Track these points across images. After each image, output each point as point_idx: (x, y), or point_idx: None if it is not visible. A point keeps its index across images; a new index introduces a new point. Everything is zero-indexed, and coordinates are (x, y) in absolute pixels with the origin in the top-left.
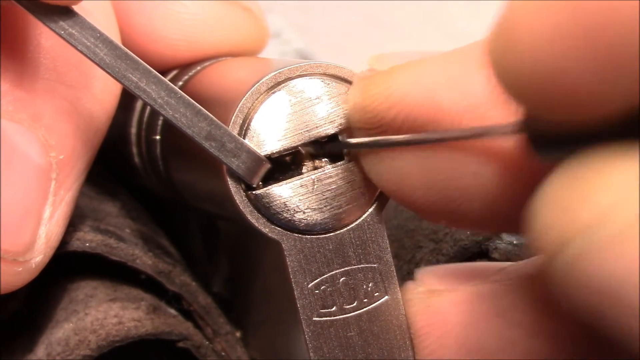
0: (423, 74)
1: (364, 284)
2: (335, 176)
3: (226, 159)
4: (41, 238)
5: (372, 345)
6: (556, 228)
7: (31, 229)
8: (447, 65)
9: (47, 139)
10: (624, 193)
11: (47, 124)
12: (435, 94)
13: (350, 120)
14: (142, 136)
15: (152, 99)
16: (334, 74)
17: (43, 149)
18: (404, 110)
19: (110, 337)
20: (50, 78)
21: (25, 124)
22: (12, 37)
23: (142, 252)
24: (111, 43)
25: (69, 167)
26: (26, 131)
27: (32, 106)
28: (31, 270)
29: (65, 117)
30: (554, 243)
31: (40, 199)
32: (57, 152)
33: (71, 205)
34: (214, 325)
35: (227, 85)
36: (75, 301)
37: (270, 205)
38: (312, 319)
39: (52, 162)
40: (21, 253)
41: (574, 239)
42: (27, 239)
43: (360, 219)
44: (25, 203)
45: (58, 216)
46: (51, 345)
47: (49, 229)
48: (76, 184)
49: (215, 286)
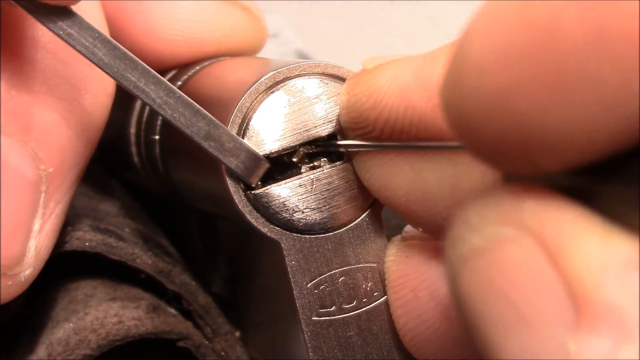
0: (397, 74)
1: (363, 284)
2: (334, 176)
3: (225, 158)
4: (31, 251)
5: (372, 344)
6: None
7: (21, 242)
8: (419, 65)
9: (36, 151)
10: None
11: (37, 137)
12: (407, 93)
13: (340, 120)
14: (141, 136)
15: (151, 98)
16: (333, 73)
17: (32, 162)
18: (385, 110)
19: (111, 336)
20: (41, 90)
21: (14, 137)
22: (2, 50)
23: (141, 251)
24: (110, 43)
25: (59, 179)
26: (15, 144)
27: (22, 119)
28: (20, 284)
29: (56, 129)
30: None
31: (30, 212)
32: (46, 165)
33: (61, 218)
34: (214, 325)
35: (226, 85)
36: (75, 301)
37: (269, 205)
38: (311, 319)
39: (42, 175)
40: (11, 266)
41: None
42: (16, 252)
43: (359, 219)
44: (15, 216)
45: (48, 229)
46: (52, 345)
47: (39, 241)
48: (66, 196)
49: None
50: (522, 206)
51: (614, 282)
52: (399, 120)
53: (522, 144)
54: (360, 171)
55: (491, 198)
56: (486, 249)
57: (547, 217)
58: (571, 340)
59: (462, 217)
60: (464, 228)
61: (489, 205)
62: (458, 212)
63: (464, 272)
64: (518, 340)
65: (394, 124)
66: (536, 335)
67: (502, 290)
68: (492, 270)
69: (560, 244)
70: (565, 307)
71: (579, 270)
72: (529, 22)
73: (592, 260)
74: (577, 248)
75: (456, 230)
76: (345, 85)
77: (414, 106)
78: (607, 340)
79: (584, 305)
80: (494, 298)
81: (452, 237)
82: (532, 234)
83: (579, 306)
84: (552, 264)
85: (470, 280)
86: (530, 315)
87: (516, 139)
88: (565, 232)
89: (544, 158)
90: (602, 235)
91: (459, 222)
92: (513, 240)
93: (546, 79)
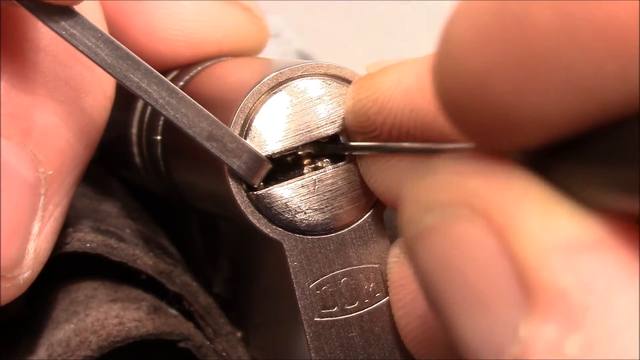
0: (401, 77)
1: (365, 285)
2: (336, 176)
3: (227, 159)
4: (29, 253)
5: (374, 345)
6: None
7: (19, 244)
8: (421, 67)
9: (36, 154)
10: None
11: (36, 140)
12: (411, 95)
13: (346, 123)
14: (143, 137)
15: (153, 99)
16: (335, 74)
17: (32, 165)
18: (390, 113)
19: (111, 337)
20: (40, 93)
21: (14, 139)
22: (3, 52)
23: (142, 252)
24: (112, 43)
25: (58, 182)
26: (15, 146)
27: (22, 121)
28: (19, 286)
29: (55, 132)
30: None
31: (29, 214)
32: (46, 168)
33: (60, 220)
34: (215, 326)
35: (228, 86)
36: (76, 302)
37: (271, 206)
38: (313, 320)
39: (41, 177)
40: (9, 269)
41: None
42: (15, 255)
43: (362, 219)
44: (14, 219)
45: (47, 231)
46: (52, 347)
47: (38, 244)
48: (65, 199)
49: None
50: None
51: (558, 265)
52: (404, 123)
53: (501, 123)
54: (365, 174)
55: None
56: (440, 227)
57: (494, 194)
58: (522, 324)
59: (413, 196)
60: (416, 207)
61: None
62: (409, 190)
63: (419, 251)
64: (477, 320)
65: (400, 127)
66: (491, 317)
67: (458, 269)
68: (446, 248)
69: (506, 222)
70: (515, 289)
71: (525, 251)
72: (501, 9)
73: (536, 240)
74: (523, 227)
75: (408, 209)
76: (350, 89)
77: (417, 109)
78: (555, 327)
79: (534, 288)
80: (452, 276)
81: (405, 216)
82: (480, 211)
83: (529, 289)
84: (500, 243)
85: (427, 258)
86: (485, 295)
87: (495, 119)
88: (510, 208)
89: (520, 137)
90: (550, 215)
91: (410, 201)
92: (467, 219)
93: (519, 64)
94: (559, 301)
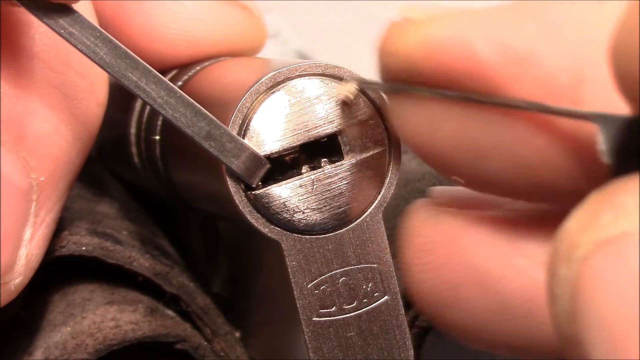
0: (463, 27)
1: (363, 284)
2: (335, 176)
3: (226, 159)
4: (21, 259)
5: (372, 345)
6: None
7: (11, 250)
8: (487, 19)
9: (28, 160)
10: None
11: (29, 146)
12: (473, 47)
13: (382, 66)
14: (141, 136)
15: (151, 98)
16: (333, 73)
17: (24, 171)
18: (442, 60)
19: (108, 340)
20: (33, 100)
21: (6, 146)
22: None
23: (139, 254)
24: (111, 42)
25: (50, 188)
26: (7, 153)
27: (14, 128)
28: (10, 292)
29: (47, 139)
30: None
31: (21, 220)
32: (38, 174)
33: (52, 227)
34: (213, 326)
35: (226, 85)
36: (73, 305)
37: (269, 206)
38: (311, 319)
39: (33, 183)
40: (1, 275)
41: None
42: (6, 261)
43: (360, 219)
44: (6, 225)
45: (38, 238)
46: (49, 349)
47: (29, 250)
48: (57, 205)
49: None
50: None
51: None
52: (454, 72)
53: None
54: (399, 116)
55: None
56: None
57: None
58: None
59: (590, 211)
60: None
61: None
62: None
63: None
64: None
65: (449, 74)
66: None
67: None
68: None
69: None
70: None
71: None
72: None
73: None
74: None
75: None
76: (391, 32)
77: (486, 75)
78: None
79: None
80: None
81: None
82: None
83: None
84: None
85: (598, 280)
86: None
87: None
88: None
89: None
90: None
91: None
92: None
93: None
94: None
